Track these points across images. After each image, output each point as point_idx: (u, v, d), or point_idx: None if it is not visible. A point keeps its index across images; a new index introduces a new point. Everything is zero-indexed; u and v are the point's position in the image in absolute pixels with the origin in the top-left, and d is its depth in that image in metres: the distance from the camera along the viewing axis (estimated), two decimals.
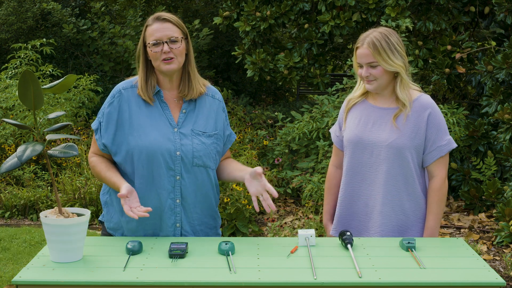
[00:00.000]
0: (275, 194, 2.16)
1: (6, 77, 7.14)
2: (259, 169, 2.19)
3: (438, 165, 2.43)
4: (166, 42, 2.22)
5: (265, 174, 1.97)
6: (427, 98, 2.44)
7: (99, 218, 2.47)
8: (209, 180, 2.35)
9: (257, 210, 2.21)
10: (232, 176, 2.40)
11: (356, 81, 3.20)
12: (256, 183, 2.23)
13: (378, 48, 2.35)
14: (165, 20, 2.25)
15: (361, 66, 2.42)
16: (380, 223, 2.45)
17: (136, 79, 2.33)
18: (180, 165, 2.26)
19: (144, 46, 2.29)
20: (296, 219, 5.18)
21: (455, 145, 2.45)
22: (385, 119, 2.44)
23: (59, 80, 1.98)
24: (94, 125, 2.31)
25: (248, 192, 4.98)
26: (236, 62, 7.36)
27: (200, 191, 2.32)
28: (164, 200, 2.27)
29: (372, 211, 2.48)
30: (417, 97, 2.44)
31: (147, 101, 2.28)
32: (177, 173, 2.26)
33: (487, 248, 4.60)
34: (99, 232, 5.06)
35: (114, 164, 2.34)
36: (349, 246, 2.13)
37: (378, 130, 2.44)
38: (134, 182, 2.26)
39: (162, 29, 2.23)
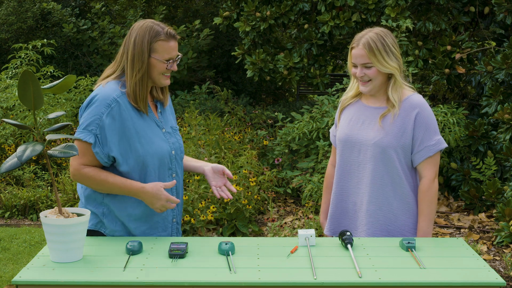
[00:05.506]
0: (234, 190, 2.45)
1: (7, 77, 7.13)
2: (226, 170, 2.43)
3: (427, 166, 2.40)
4: (175, 60, 2.29)
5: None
6: (417, 98, 2.42)
7: (94, 228, 2.32)
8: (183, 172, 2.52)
9: (218, 197, 2.44)
10: (186, 166, 2.53)
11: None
12: (218, 178, 2.45)
13: (373, 49, 2.34)
14: (175, 38, 2.29)
15: (355, 66, 2.42)
16: (367, 222, 2.46)
17: (117, 84, 2.26)
18: (175, 163, 2.36)
19: (148, 55, 2.24)
20: (296, 219, 5.18)
21: (445, 145, 2.41)
22: (375, 118, 2.44)
23: (59, 81, 1.98)
24: (87, 138, 2.18)
25: (248, 192, 4.99)
26: (236, 62, 7.36)
27: (181, 184, 2.44)
28: None
29: (359, 209, 2.49)
30: (408, 96, 2.42)
31: (141, 110, 2.27)
32: (173, 171, 2.35)
33: (487, 248, 4.60)
34: None
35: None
36: (349, 246, 2.14)
37: (367, 128, 2.44)
38: None
39: (175, 47, 2.28)
